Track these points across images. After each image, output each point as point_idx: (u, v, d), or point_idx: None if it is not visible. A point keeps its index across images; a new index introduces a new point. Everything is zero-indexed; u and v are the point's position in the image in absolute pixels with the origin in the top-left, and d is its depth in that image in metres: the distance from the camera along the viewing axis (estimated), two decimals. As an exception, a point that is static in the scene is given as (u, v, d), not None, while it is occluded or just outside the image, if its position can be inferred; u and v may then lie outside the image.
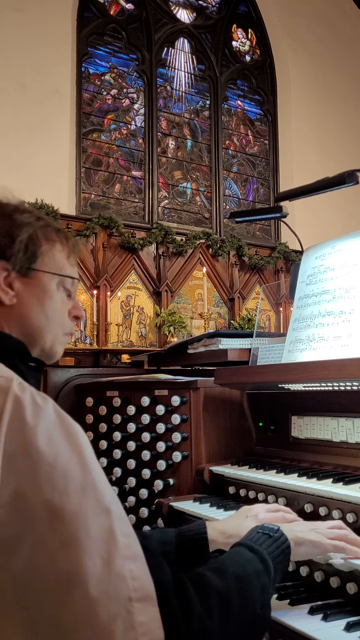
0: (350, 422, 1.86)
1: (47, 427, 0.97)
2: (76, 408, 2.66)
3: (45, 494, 0.91)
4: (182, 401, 2.29)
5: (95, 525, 0.93)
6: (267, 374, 2.00)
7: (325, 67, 9.29)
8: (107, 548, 0.92)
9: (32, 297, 1.25)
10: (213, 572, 1.11)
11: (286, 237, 8.44)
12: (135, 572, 0.94)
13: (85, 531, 0.91)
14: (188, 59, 8.51)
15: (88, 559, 0.90)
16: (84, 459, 0.98)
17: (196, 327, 7.46)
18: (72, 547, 0.90)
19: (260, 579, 1.15)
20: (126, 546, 0.95)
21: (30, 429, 0.95)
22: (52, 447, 0.95)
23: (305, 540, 1.34)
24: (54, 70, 7.07)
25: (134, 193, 7.83)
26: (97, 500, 0.95)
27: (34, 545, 0.90)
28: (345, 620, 1.24)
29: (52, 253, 1.29)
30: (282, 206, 2.86)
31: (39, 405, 0.99)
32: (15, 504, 0.91)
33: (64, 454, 0.96)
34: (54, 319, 1.28)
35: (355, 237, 1.98)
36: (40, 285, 1.27)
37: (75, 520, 0.91)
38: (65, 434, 0.98)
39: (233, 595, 1.08)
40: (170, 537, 1.45)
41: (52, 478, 0.93)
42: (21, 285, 1.24)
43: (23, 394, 0.99)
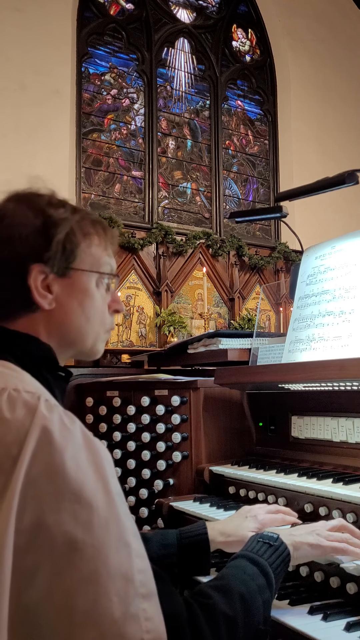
0: (350, 422, 1.86)
1: (75, 452, 0.93)
2: (76, 408, 2.66)
3: (67, 525, 0.88)
4: (182, 401, 2.29)
5: (115, 562, 0.90)
6: (267, 374, 2.00)
7: (325, 67, 9.29)
8: (124, 587, 0.89)
9: (72, 299, 1.18)
10: (219, 593, 1.10)
11: (286, 237, 8.43)
12: (148, 612, 0.91)
13: (105, 568, 0.88)
14: (188, 59, 8.51)
15: (105, 597, 0.87)
16: (109, 489, 0.94)
17: (196, 327, 7.45)
18: (90, 584, 0.87)
19: (263, 594, 1.16)
20: (142, 584, 0.92)
21: (58, 453, 0.91)
22: (79, 475, 0.92)
23: (304, 544, 1.33)
24: (54, 70, 7.07)
25: (134, 193, 7.83)
26: (118, 534, 0.92)
27: (51, 578, 0.87)
28: (345, 620, 1.24)
29: (90, 249, 1.21)
30: (282, 206, 2.86)
31: (68, 428, 0.95)
32: (36, 532, 0.88)
33: (89, 483, 0.92)
34: (95, 319, 1.22)
35: (355, 237, 1.98)
36: (80, 285, 1.19)
37: (97, 556, 0.88)
38: (92, 461, 0.95)
39: (239, 617, 1.08)
40: (171, 540, 1.45)
41: (75, 509, 0.89)
42: (59, 287, 1.16)
43: (51, 415, 0.95)
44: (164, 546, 1.43)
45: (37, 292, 1.14)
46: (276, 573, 1.23)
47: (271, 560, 1.25)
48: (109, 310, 1.27)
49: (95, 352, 1.27)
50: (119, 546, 0.91)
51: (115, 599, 0.88)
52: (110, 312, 1.28)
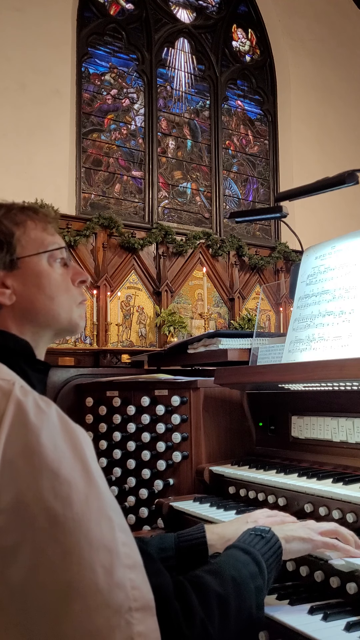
0: (350, 422, 1.86)
1: (51, 432, 0.94)
2: (76, 408, 2.66)
3: (47, 502, 0.89)
4: (182, 401, 2.29)
5: (97, 535, 0.91)
6: (267, 374, 2.00)
7: (325, 67, 9.29)
8: (109, 557, 0.90)
9: (29, 286, 1.21)
10: (210, 575, 1.12)
11: (286, 237, 8.44)
12: (135, 581, 0.92)
13: (87, 540, 0.89)
14: (188, 59, 8.51)
15: (89, 569, 0.88)
16: (88, 467, 0.95)
17: (196, 327, 7.46)
18: (73, 556, 0.88)
19: (256, 581, 1.17)
20: (126, 555, 0.93)
21: (33, 434, 0.93)
22: (56, 454, 0.93)
23: (295, 538, 1.35)
24: (54, 70, 7.07)
25: (134, 193, 7.83)
26: (99, 509, 0.93)
27: (33, 554, 0.88)
28: (345, 620, 1.24)
29: (26, 234, 1.23)
30: (282, 206, 2.86)
31: (42, 410, 0.96)
32: (16, 511, 0.89)
33: (67, 461, 0.93)
34: (59, 296, 1.24)
35: (355, 237, 1.98)
36: (31, 271, 1.22)
37: (77, 530, 0.89)
38: (68, 440, 0.96)
39: (231, 598, 1.09)
40: (169, 543, 1.44)
41: (54, 485, 0.90)
42: (13, 279, 1.20)
43: (25, 398, 0.97)
44: (162, 550, 1.43)
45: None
46: (268, 563, 1.24)
47: (263, 550, 1.26)
48: (74, 284, 1.28)
49: (74, 326, 1.28)
50: (100, 519, 0.92)
51: (100, 570, 0.89)
52: (76, 284, 1.29)
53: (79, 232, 6.63)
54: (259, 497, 1.92)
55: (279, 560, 1.30)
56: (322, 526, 1.41)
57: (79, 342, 6.48)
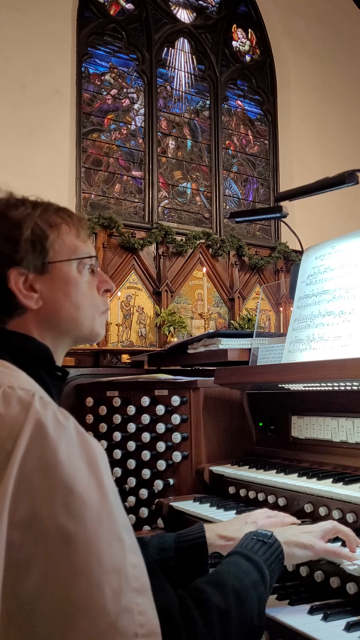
0: (350, 422, 1.86)
1: (68, 447, 0.94)
2: (76, 408, 2.66)
3: (60, 519, 0.89)
4: (182, 401, 2.29)
5: (108, 556, 0.90)
6: (267, 374, 2.00)
7: (325, 67, 9.29)
8: (118, 580, 0.90)
9: (56, 292, 1.19)
10: (212, 587, 1.11)
11: (286, 237, 8.44)
12: (142, 606, 0.91)
13: (97, 561, 0.89)
14: (188, 59, 8.51)
15: (98, 590, 0.88)
16: (102, 485, 0.95)
17: (196, 327, 7.46)
18: (83, 576, 0.88)
19: (258, 589, 1.16)
20: (135, 578, 0.93)
21: (50, 449, 0.92)
22: (72, 470, 0.92)
23: (297, 544, 1.34)
24: (54, 70, 7.08)
25: (134, 193, 7.83)
26: (111, 529, 0.93)
27: (44, 570, 0.88)
28: (345, 620, 1.24)
29: (60, 239, 1.21)
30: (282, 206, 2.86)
31: (61, 424, 0.96)
32: (29, 526, 0.89)
33: (82, 478, 0.93)
34: (84, 304, 1.22)
35: (355, 237, 1.98)
36: (61, 277, 1.19)
37: (89, 549, 0.89)
38: (85, 455, 0.96)
39: (233, 611, 1.08)
40: (169, 543, 1.44)
41: (69, 502, 0.90)
42: (42, 284, 1.17)
43: (45, 411, 0.96)
44: (162, 550, 1.43)
45: (21, 294, 1.15)
46: (270, 569, 1.24)
47: (265, 557, 1.25)
48: (98, 292, 1.27)
49: (95, 336, 1.26)
50: (111, 540, 0.92)
51: (109, 592, 0.89)
52: (101, 293, 1.27)
53: (78, 232, 6.63)
54: (259, 497, 1.92)
55: (280, 565, 1.29)
56: (323, 529, 1.40)
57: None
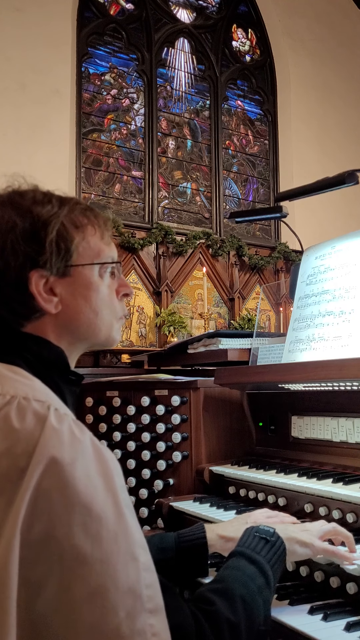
0: (350, 422, 1.86)
1: (85, 464, 0.92)
2: (76, 408, 2.65)
3: (76, 539, 0.88)
4: (182, 401, 2.29)
5: (123, 577, 0.89)
6: (267, 374, 2.00)
7: (325, 67, 9.29)
8: (132, 602, 0.89)
9: (77, 296, 1.15)
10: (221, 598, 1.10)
11: (286, 237, 8.43)
12: (155, 627, 0.90)
13: (112, 583, 0.88)
14: (188, 59, 8.51)
15: (113, 613, 0.87)
16: (119, 502, 0.93)
17: (196, 327, 7.46)
18: (98, 598, 0.87)
19: (263, 594, 1.16)
20: (149, 599, 0.91)
21: (68, 465, 0.90)
22: (89, 488, 0.91)
23: (298, 541, 1.35)
24: (54, 70, 7.07)
25: (134, 193, 7.83)
26: (127, 548, 0.91)
27: (59, 591, 0.86)
28: (345, 620, 1.24)
29: (85, 241, 1.17)
30: (282, 206, 2.86)
31: (78, 439, 0.94)
32: (45, 544, 0.87)
33: (99, 496, 0.91)
34: (103, 310, 1.19)
35: (355, 237, 1.98)
36: (83, 281, 1.16)
37: (105, 571, 0.88)
38: (101, 471, 0.94)
39: (242, 622, 1.09)
40: (169, 543, 1.44)
41: (86, 522, 0.89)
42: (62, 287, 1.14)
43: (61, 426, 0.94)
44: (162, 550, 1.43)
45: (41, 298, 1.11)
46: (274, 570, 1.24)
47: (268, 556, 1.25)
48: (117, 297, 1.24)
49: (111, 342, 1.23)
50: (127, 560, 0.90)
51: (123, 614, 0.87)
52: (119, 297, 1.24)
53: (79, 232, 6.63)
54: (259, 497, 1.92)
55: (283, 563, 1.30)
56: (322, 529, 1.40)
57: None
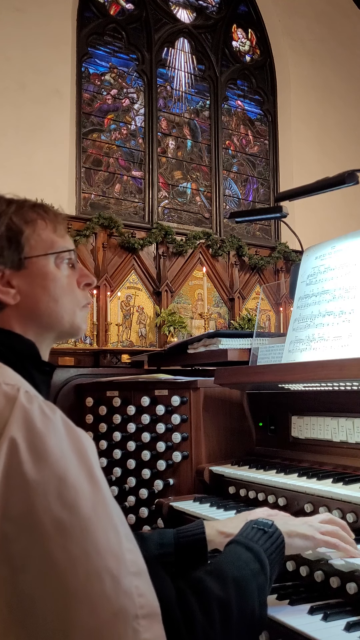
0: (350, 422, 1.86)
1: (57, 438, 0.95)
2: (76, 408, 2.66)
3: (54, 510, 0.90)
4: (182, 401, 2.29)
5: (104, 542, 0.91)
6: (267, 374, 2.00)
7: (325, 67, 9.29)
8: (116, 565, 0.91)
9: (35, 287, 1.19)
10: (212, 577, 1.11)
11: (286, 237, 8.44)
12: (141, 588, 0.92)
13: (94, 548, 0.90)
14: (188, 59, 8.51)
15: (96, 576, 0.89)
16: (93, 474, 0.96)
17: (196, 327, 7.46)
18: (81, 565, 0.88)
19: (258, 579, 1.16)
20: (132, 562, 0.93)
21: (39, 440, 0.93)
22: (62, 460, 0.93)
23: (298, 534, 1.35)
24: (54, 70, 7.08)
25: (134, 193, 7.83)
26: (106, 516, 0.93)
27: (42, 562, 0.88)
28: (345, 620, 1.23)
29: (36, 234, 1.21)
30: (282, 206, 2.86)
31: (48, 416, 0.97)
32: (24, 519, 0.89)
33: (73, 468, 0.94)
34: (63, 298, 1.22)
35: (355, 237, 1.98)
36: (38, 272, 1.20)
37: (85, 538, 0.90)
38: (74, 446, 0.96)
39: (233, 601, 1.08)
40: (168, 539, 1.45)
41: (62, 492, 0.91)
42: (19, 279, 1.18)
43: (31, 405, 0.97)
44: (161, 545, 1.43)
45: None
46: (271, 559, 1.24)
47: (265, 546, 1.25)
48: (79, 286, 1.27)
49: (76, 329, 1.26)
50: (106, 527, 0.93)
51: (107, 577, 0.89)
52: (81, 287, 1.28)
53: (79, 232, 6.64)
54: (259, 497, 1.92)
55: (281, 555, 1.29)
56: (323, 525, 1.41)
57: (79, 342, 6.48)
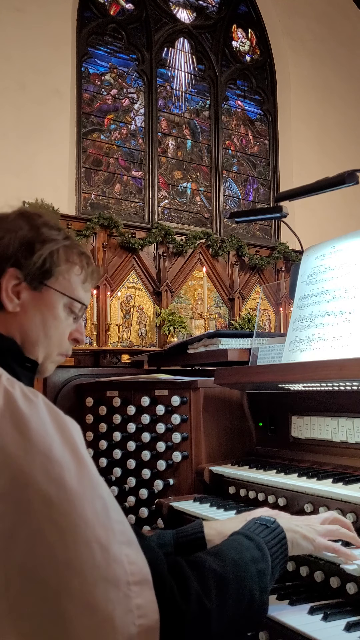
0: (350, 422, 1.86)
1: (40, 419, 0.98)
2: (76, 408, 2.66)
3: (41, 485, 0.92)
4: (182, 401, 2.29)
5: (91, 513, 0.94)
6: (267, 374, 2.00)
7: (325, 67, 9.29)
8: (104, 534, 0.93)
9: (37, 311, 1.24)
10: (209, 555, 1.14)
11: (286, 237, 8.44)
12: (131, 556, 0.95)
13: (82, 519, 0.92)
14: (188, 59, 8.51)
15: (85, 546, 0.91)
16: (78, 451, 0.99)
17: (196, 327, 7.46)
18: (70, 535, 0.91)
19: (258, 564, 1.17)
20: (121, 532, 0.96)
21: (23, 419, 0.96)
22: (46, 437, 0.96)
23: (299, 534, 1.34)
24: (54, 70, 7.08)
25: (134, 193, 7.83)
26: (92, 488, 0.96)
27: (31, 536, 0.91)
28: (345, 620, 1.23)
29: (68, 275, 1.28)
30: (282, 206, 2.86)
31: (30, 399, 1.00)
32: (11, 495, 0.92)
33: (57, 445, 0.97)
34: (53, 338, 1.27)
35: (355, 237, 1.98)
36: (48, 303, 1.26)
37: (72, 509, 0.92)
38: (57, 426, 0.99)
39: (230, 576, 1.10)
40: (168, 539, 1.45)
41: (47, 468, 0.94)
42: (29, 297, 1.23)
43: (13, 388, 1.00)
44: (161, 546, 1.43)
45: (5, 293, 1.21)
46: (272, 552, 1.23)
47: (267, 539, 1.26)
48: (69, 337, 1.32)
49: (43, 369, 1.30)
50: (94, 498, 0.95)
51: (96, 546, 0.92)
52: (70, 339, 1.33)
53: (79, 232, 6.64)
54: (259, 497, 1.92)
55: (284, 550, 1.28)
56: (324, 527, 1.40)
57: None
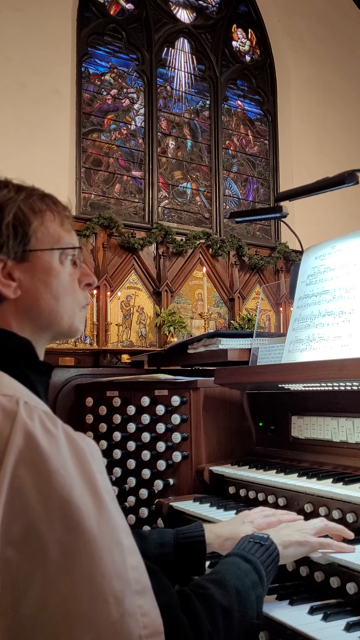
0: (350, 422, 1.86)
1: (60, 457, 0.91)
2: (76, 408, 2.66)
3: (58, 532, 0.87)
4: (182, 401, 2.29)
5: (109, 563, 0.89)
6: (267, 374, 2.00)
7: (325, 67, 9.29)
8: (120, 586, 0.89)
9: (37, 282, 1.12)
10: (215, 585, 1.13)
11: (286, 237, 8.44)
12: (144, 607, 0.91)
13: (99, 571, 0.88)
14: (188, 59, 8.51)
15: (101, 600, 0.87)
16: (97, 490, 0.92)
17: (196, 327, 7.46)
18: (85, 588, 0.86)
19: (256, 590, 1.19)
20: (136, 581, 0.91)
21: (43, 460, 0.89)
22: (66, 480, 0.90)
23: (292, 543, 1.37)
24: (54, 70, 7.07)
25: (134, 193, 7.83)
26: (110, 534, 0.91)
27: (45, 586, 0.86)
28: (345, 620, 1.24)
29: (44, 226, 1.14)
30: (282, 206, 2.86)
31: (51, 433, 0.92)
32: (27, 542, 0.86)
33: (77, 488, 0.90)
34: (65, 297, 1.16)
35: (355, 237, 1.98)
36: (42, 266, 1.13)
37: (90, 560, 0.87)
38: (77, 462, 0.93)
39: (235, 609, 1.10)
40: (168, 539, 1.45)
41: (65, 515, 0.88)
42: (21, 272, 1.11)
43: (32, 422, 0.92)
44: (161, 545, 1.44)
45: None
46: (267, 571, 1.26)
47: (262, 558, 1.28)
48: (79, 286, 1.21)
49: (73, 331, 1.20)
50: (111, 546, 0.90)
51: (111, 600, 0.87)
52: (82, 286, 1.22)
53: (79, 232, 6.64)
54: (259, 497, 1.92)
55: (275, 566, 1.32)
56: (314, 526, 1.44)
57: (79, 342, 6.48)
